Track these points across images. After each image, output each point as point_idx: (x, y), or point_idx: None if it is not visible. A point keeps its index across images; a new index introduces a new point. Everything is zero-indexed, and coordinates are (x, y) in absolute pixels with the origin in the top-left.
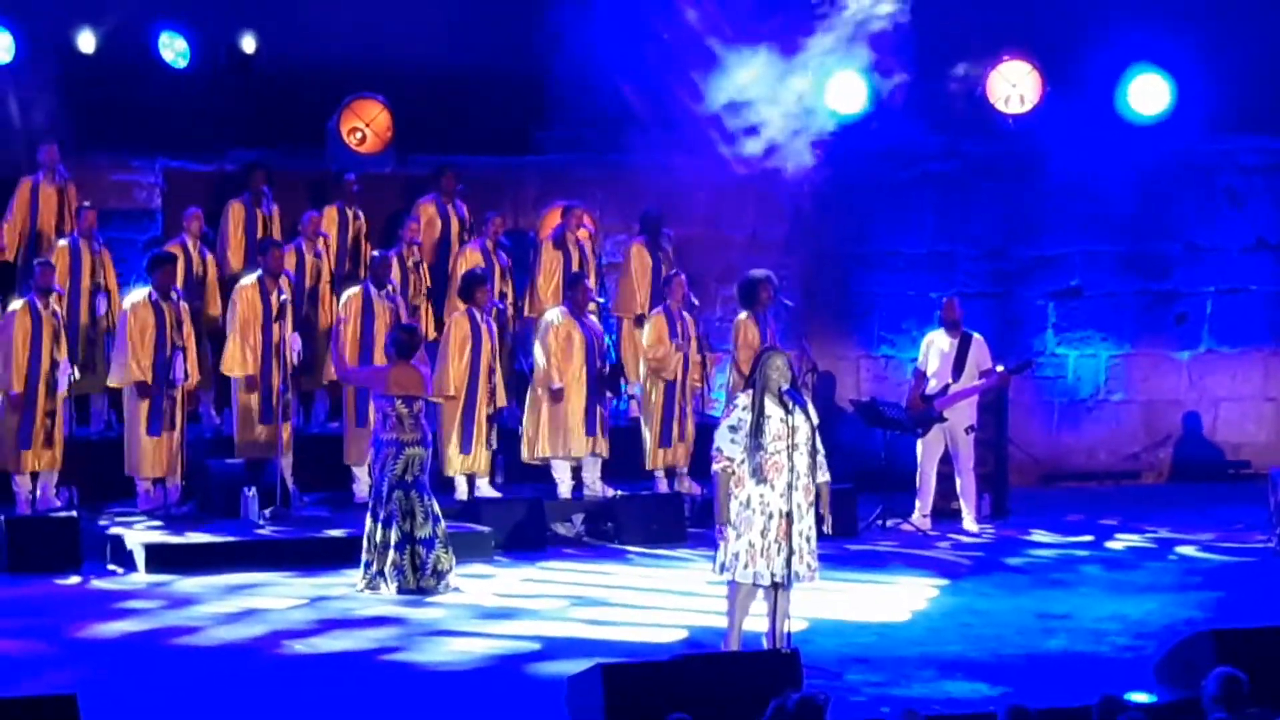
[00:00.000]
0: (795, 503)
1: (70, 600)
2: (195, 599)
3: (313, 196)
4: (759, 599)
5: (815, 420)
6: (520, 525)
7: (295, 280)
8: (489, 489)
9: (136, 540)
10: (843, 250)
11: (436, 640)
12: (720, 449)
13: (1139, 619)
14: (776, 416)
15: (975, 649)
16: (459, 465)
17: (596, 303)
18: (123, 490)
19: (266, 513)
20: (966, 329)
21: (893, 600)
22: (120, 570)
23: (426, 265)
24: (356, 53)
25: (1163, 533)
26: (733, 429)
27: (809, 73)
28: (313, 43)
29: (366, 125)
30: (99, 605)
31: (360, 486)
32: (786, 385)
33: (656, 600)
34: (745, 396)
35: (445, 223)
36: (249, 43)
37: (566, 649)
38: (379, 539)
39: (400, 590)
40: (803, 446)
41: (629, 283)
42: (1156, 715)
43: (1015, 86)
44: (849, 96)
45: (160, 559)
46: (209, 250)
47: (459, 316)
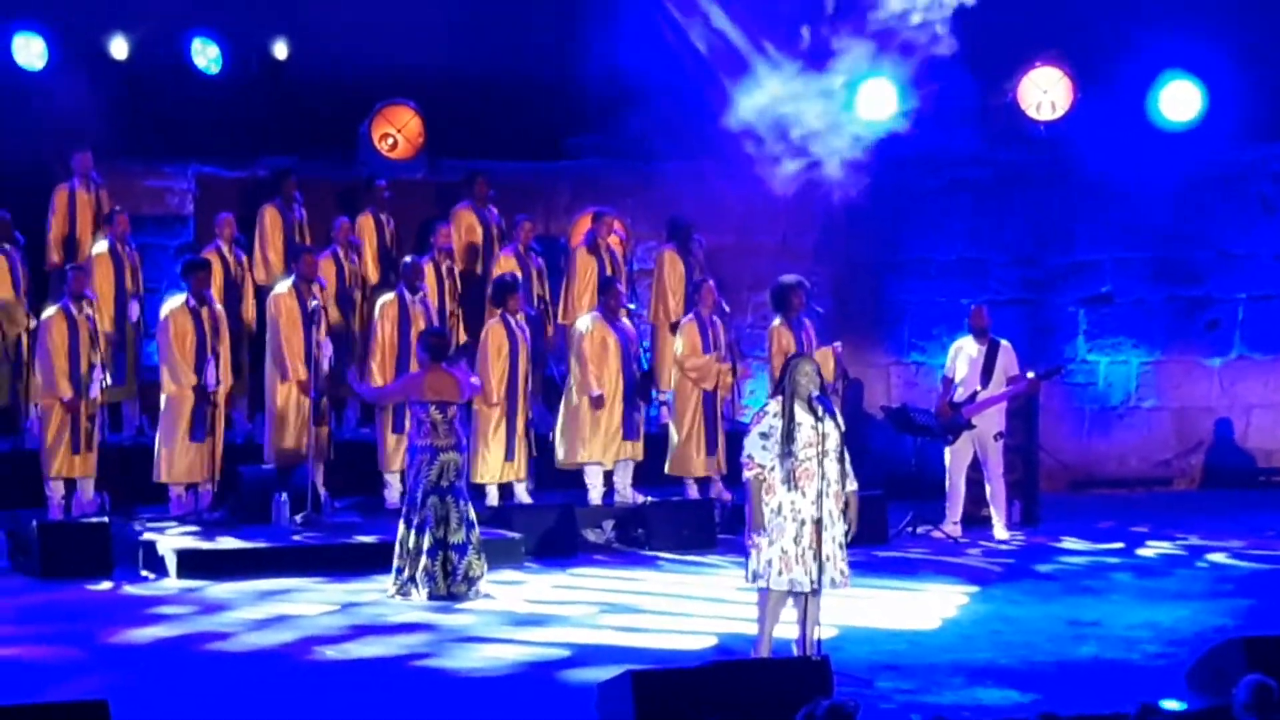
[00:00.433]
0: (826, 509)
1: (102, 606)
2: (227, 604)
3: (343, 202)
4: (789, 606)
5: (843, 427)
6: (551, 531)
7: (338, 286)
8: (525, 495)
9: (168, 546)
10: (874, 257)
11: (467, 646)
12: (751, 456)
13: (1170, 626)
14: (807, 424)
15: (1006, 656)
16: (501, 472)
17: (627, 308)
18: (155, 496)
19: (298, 518)
20: (994, 336)
21: (923, 607)
22: (152, 576)
23: (463, 271)
24: (387, 59)
25: (1194, 540)
26: (764, 436)
27: (840, 80)
28: (344, 49)
29: (398, 131)
30: (131, 611)
31: (391, 492)
32: (816, 391)
33: (687, 607)
34: (775, 403)
35: (485, 229)
36: (281, 49)
37: (597, 655)
38: (412, 545)
39: (431, 596)
40: (833, 453)
41: (661, 290)
42: None
43: (1047, 93)
44: (880, 104)
45: (192, 564)
46: (244, 255)
47: (494, 324)
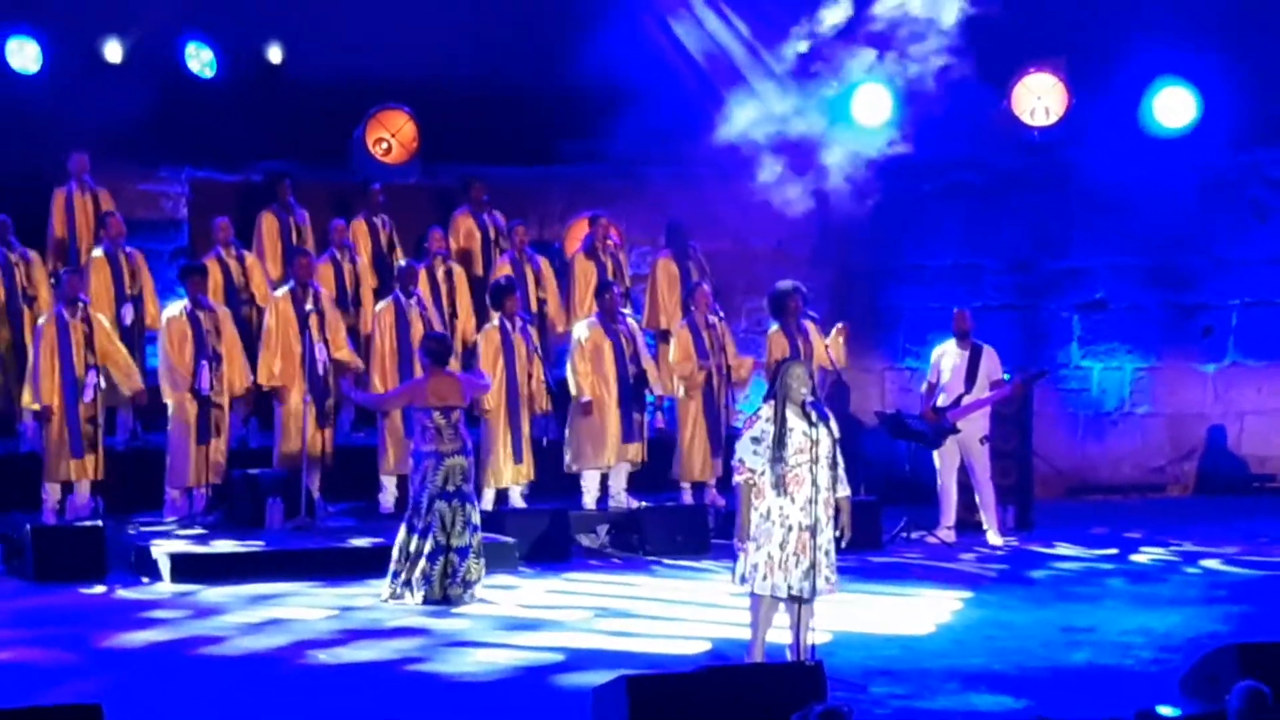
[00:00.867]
0: (816, 516)
1: (96, 610)
2: (220, 609)
3: (338, 207)
4: (782, 611)
5: (837, 434)
6: (545, 536)
7: (336, 290)
8: (519, 499)
9: (162, 550)
10: (869, 263)
11: (461, 651)
12: (743, 460)
13: (1163, 632)
14: (799, 429)
15: (999, 662)
16: (511, 475)
17: (622, 312)
18: (149, 500)
19: (291, 523)
20: (976, 340)
21: (917, 613)
22: (146, 580)
23: (466, 276)
24: (382, 64)
25: (1188, 546)
26: (755, 440)
27: (835, 86)
28: (339, 54)
29: (392, 136)
30: (124, 615)
31: (387, 497)
32: (809, 395)
33: (681, 612)
34: (768, 408)
35: (484, 233)
36: (275, 53)
37: (591, 660)
38: (412, 549)
39: (426, 600)
40: (825, 459)
41: (656, 297)
42: None
43: (1041, 99)
44: (875, 110)
45: (185, 569)
46: (244, 258)
47: (490, 330)
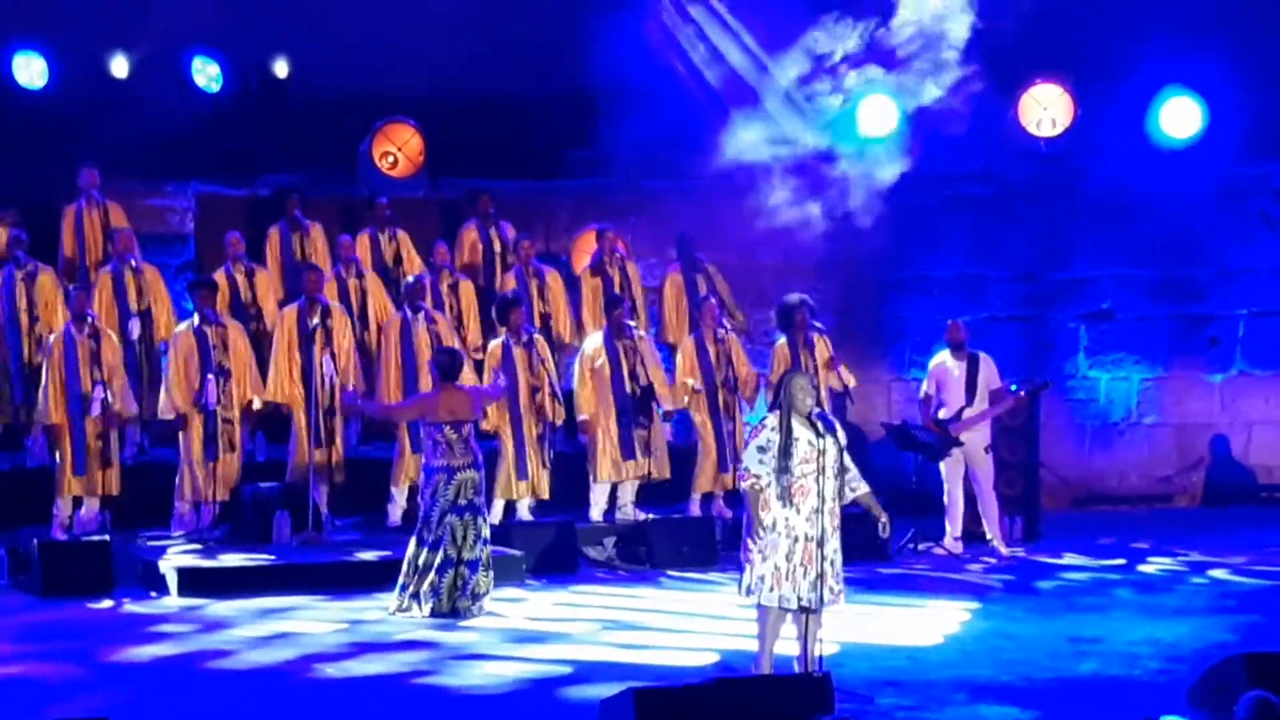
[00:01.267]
0: (822, 527)
1: (103, 624)
2: (228, 623)
3: (344, 221)
4: (789, 622)
5: (844, 441)
6: (552, 548)
7: (342, 304)
8: (526, 512)
9: (169, 564)
10: (875, 274)
11: (469, 664)
12: (748, 469)
13: (1171, 643)
14: (805, 439)
15: (1007, 672)
16: (518, 490)
17: (630, 327)
18: (156, 514)
19: (299, 537)
20: (972, 349)
21: (924, 623)
22: (154, 594)
23: (472, 289)
24: (388, 77)
25: (1195, 556)
26: (761, 449)
27: (841, 98)
28: (344, 67)
29: (398, 149)
30: (132, 629)
31: (395, 509)
32: (813, 406)
33: (688, 624)
34: (773, 418)
35: (488, 246)
36: (281, 67)
37: (598, 672)
38: (421, 562)
39: (433, 613)
40: (831, 470)
41: (666, 312)
42: None
43: (1048, 110)
44: (881, 121)
45: (193, 583)
46: (254, 273)
47: (494, 345)
